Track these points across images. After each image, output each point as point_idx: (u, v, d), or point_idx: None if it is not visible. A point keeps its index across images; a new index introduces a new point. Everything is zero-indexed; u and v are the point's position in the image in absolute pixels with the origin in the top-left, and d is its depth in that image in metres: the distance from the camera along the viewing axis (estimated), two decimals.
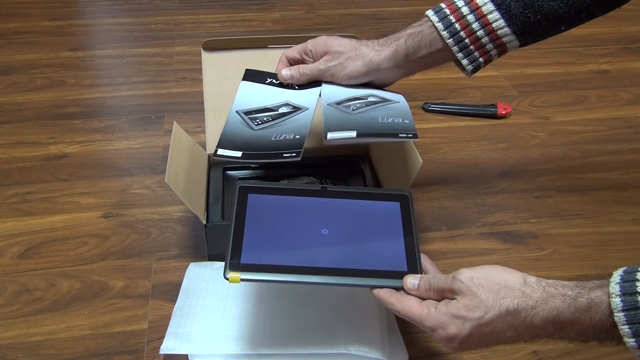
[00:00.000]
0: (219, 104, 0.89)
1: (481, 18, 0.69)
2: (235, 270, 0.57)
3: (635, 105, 1.20)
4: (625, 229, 0.87)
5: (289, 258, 0.59)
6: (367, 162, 0.89)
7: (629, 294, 0.48)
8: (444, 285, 0.54)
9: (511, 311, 0.51)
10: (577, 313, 0.49)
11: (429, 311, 0.54)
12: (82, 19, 1.61)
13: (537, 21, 0.69)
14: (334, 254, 0.60)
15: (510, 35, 0.70)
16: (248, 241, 0.59)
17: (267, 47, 0.90)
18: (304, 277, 0.57)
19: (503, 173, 0.99)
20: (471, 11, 0.69)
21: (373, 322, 0.67)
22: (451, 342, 0.53)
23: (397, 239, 0.62)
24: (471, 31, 0.70)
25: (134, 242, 0.83)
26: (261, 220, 0.62)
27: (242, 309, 0.69)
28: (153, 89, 1.24)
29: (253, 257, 0.58)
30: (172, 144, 0.76)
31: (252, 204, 0.63)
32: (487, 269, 0.54)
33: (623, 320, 0.47)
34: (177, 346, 0.65)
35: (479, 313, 0.51)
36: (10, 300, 0.74)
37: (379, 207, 0.65)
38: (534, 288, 0.52)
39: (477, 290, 0.52)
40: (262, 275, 0.57)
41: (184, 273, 0.76)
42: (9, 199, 0.91)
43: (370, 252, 0.60)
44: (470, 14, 0.69)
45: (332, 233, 0.62)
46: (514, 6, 0.68)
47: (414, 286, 0.57)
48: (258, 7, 1.67)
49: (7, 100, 1.19)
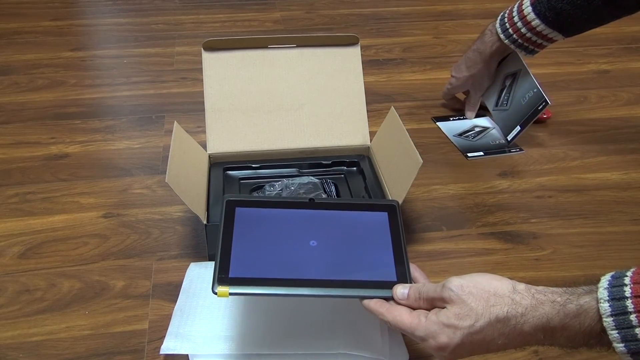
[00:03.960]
0: (220, 104, 0.89)
1: (527, 24, 0.96)
2: (224, 284, 0.56)
3: (635, 105, 1.20)
4: (626, 229, 0.87)
5: (277, 270, 0.58)
6: (367, 162, 0.89)
7: (617, 299, 0.48)
8: (434, 294, 0.54)
9: (501, 319, 0.51)
10: (566, 319, 0.49)
11: (419, 321, 0.54)
12: (83, 19, 1.61)
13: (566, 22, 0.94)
14: (322, 266, 0.59)
15: (554, 32, 0.96)
16: (236, 254, 0.59)
17: (268, 47, 0.90)
18: (293, 290, 0.57)
19: (503, 173, 0.99)
20: (520, 19, 0.97)
21: (373, 322, 0.67)
22: (442, 351, 0.53)
23: (385, 249, 0.62)
24: (522, 35, 0.98)
25: (135, 242, 0.83)
26: (249, 234, 0.61)
27: (242, 309, 0.69)
28: (153, 89, 1.24)
29: (241, 270, 0.58)
30: (172, 144, 0.76)
31: (239, 217, 0.63)
32: (477, 277, 0.54)
33: (612, 325, 0.47)
34: (178, 346, 0.65)
35: (470, 321, 0.51)
36: (10, 300, 0.74)
37: (367, 218, 0.65)
38: (524, 295, 0.51)
39: (467, 298, 0.52)
40: (251, 288, 0.57)
41: (185, 273, 0.76)
42: (9, 199, 0.91)
43: (359, 263, 0.60)
44: (519, 22, 0.97)
45: (320, 244, 0.61)
46: (548, 15, 0.93)
47: (404, 296, 0.56)
48: (258, 7, 1.67)
49: (7, 100, 1.19)
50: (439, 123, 1.13)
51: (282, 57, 0.91)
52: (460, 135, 1.09)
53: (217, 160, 0.88)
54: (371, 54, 1.41)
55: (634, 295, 0.47)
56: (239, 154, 0.89)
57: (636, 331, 0.47)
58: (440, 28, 1.55)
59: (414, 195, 0.93)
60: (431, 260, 0.81)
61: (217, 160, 0.88)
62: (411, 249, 0.82)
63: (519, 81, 1.06)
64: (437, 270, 0.79)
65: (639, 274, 0.49)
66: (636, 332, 0.47)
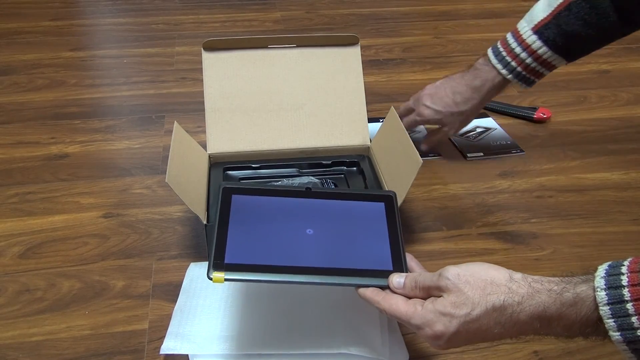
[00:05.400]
0: (220, 104, 0.89)
1: (532, 54, 0.87)
2: (219, 270, 0.56)
3: (635, 105, 1.20)
4: (626, 229, 0.87)
5: (273, 258, 0.58)
6: (367, 162, 0.89)
7: (614, 287, 0.48)
8: (430, 282, 0.54)
9: (497, 307, 0.51)
10: (563, 308, 0.49)
11: (415, 309, 0.54)
12: (83, 19, 1.61)
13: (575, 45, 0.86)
14: (318, 254, 0.59)
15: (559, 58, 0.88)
16: (232, 241, 0.59)
17: (268, 47, 0.90)
18: (289, 277, 0.57)
19: (503, 173, 0.99)
20: (523, 49, 0.88)
21: (373, 322, 0.67)
22: (438, 340, 0.53)
23: (382, 238, 0.62)
24: (525, 65, 0.89)
25: (135, 242, 0.83)
26: (245, 221, 0.61)
27: (242, 309, 0.69)
28: (153, 89, 1.24)
29: (237, 256, 0.58)
30: (172, 144, 0.76)
31: (235, 204, 0.63)
32: (473, 266, 0.54)
33: (608, 314, 0.47)
34: (178, 346, 0.65)
35: (466, 310, 0.51)
36: (10, 300, 0.74)
37: (363, 208, 0.65)
38: (520, 284, 0.51)
39: (464, 287, 0.52)
40: (247, 275, 0.57)
41: (185, 273, 0.76)
42: (9, 199, 0.91)
43: (355, 252, 0.60)
44: (522, 52, 0.88)
45: (317, 233, 0.61)
46: (558, 40, 0.85)
47: (400, 284, 0.57)
48: (258, 7, 1.68)
49: (7, 100, 1.19)
50: None
51: (282, 57, 0.91)
52: (461, 135, 1.09)
53: (217, 160, 0.88)
54: (371, 54, 1.41)
55: (631, 284, 0.47)
56: (239, 154, 0.89)
57: (632, 320, 0.47)
58: (440, 28, 1.55)
59: (414, 195, 0.93)
60: (431, 260, 0.81)
61: (217, 160, 0.88)
62: (411, 249, 0.82)
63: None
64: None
65: (635, 263, 0.49)
66: (632, 321, 0.47)
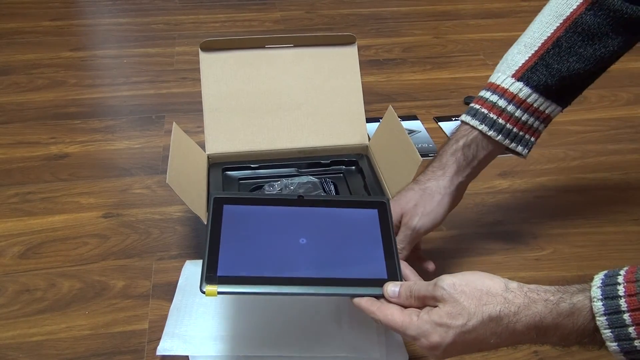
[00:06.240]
0: (218, 105, 0.89)
1: (521, 104, 0.71)
2: (212, 283, 0.55)
3: (635, 105, 1.20)
4: (626, 229, 0.87)
5: (267, 269, 0.57)
6: (366, 161, 0.89)
7: (610, 297, 0.47)
8: (426, 292, 0.54)
9: (494, 317, 0.50)
10: (559, 318, 0.49)
11: (411, 319, 0.53)
12: (83, 19, 1.61)
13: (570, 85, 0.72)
14: (312, 264, 0.58)
15: (552, 105, 0.73)
16: (224, 253, 0.58)
17: (265, 47, 0.90)
18: (283, 288, 0.56)
19: (503, 173, 0.99)
20: (509, 102, 0.71)
21: (370, 324, 0.67)
22: (434, 350, 0.52)
23: (376, 246, 0.61)
24: (516, 120, 0.72)
25: (135, 242, 0.83)
26: (238, 231, 0.60)
27: (239, 307, 0.69)
28: (153, 89, 1.24)
29: (230, 269, 0.57)
30: (172, 144, 0.76)
31: (227, 215, 0.62)
32: (469, 275, 0.53)
33: (605, 324, 0.47)
34: (174, 347, 0.65)
35: (462, 320, 0.51)
36: (10, 300, 0.74)
37: (356, 215, 0.64)
38: (516, 294, 0.51)
39: (459, 297, 0.51)
40: (240, 287, 0.56)
41: None
42: (9, 199, 0.91)
43: (349, 261, 0.59)
44: (509, 105, 0.71)
45: (310, 242, 0.60)
46: (550, 82, 0.71)
47: (395, 294, 0.56)
48: (258, 7, 1.68)
49: (7, 100, 1.19)
50: (440, 123, 1.13)
51: (279, 57, 0.91)
52: None
53: (215, 161, 0.88)
54: (371, 54, 1.41)
55: (628, 294, 0.47)
56: (237, 154, 0.89)
57: (629, 330, 0.47)
58: (440, 28, 1.55)
59: None
60: (431, 260, 0.81)
61: (215, 161, 0.88)
62: None
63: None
64: (438, 271, 0.79)
65: (632, 273, 0.48)
66: (629, 332, 0.47)
